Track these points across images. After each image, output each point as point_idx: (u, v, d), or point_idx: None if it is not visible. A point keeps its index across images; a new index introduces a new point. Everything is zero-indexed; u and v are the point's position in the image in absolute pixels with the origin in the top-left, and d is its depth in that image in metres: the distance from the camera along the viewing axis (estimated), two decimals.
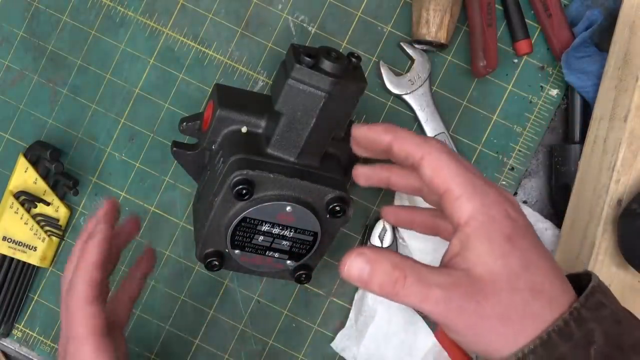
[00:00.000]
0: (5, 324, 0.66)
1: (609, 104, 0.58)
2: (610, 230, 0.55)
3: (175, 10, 0.65)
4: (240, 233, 0.53)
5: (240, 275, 0.65)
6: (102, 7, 0.65)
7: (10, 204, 0.63)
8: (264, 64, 0.65)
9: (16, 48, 0.66)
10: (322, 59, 0.50)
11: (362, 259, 0.39)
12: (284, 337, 0.66)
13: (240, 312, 0.66)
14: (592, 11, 0.60)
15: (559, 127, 0.65)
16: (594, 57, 0.60)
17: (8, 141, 0.67)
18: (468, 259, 0.39)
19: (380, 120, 0.65)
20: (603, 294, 0.39)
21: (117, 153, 0.66)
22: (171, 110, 0.66)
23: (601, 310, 0.38)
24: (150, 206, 0.66)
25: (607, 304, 0.39)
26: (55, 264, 0.66)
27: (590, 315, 0.38)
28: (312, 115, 0.51)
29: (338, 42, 0.65)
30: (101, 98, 0.66)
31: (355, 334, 0.64)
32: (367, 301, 0.63)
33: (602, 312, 0.38)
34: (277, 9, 0.65)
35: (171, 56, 0.65)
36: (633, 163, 0.55)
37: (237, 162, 0.51)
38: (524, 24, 0.63)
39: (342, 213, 0.53)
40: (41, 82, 0.66)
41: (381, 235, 0.63)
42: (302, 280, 0.57)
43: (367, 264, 0.38)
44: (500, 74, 0.64)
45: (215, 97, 0.56)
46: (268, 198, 0.52)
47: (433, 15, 0.60)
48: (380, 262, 0.38)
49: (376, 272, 0.38)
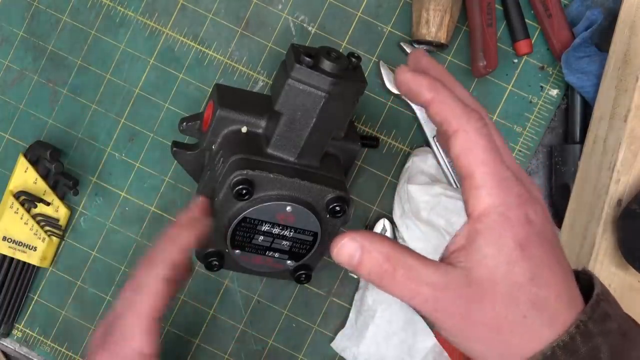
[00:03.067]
0: (5, 324, 0.66)
1: (609, 104, 0.58)
2: (610, 230, 0.55)
3: (175, 10, 0.65)
4: (240, 233, 0.53)
5: (240, 275, 0.65)
6: (102, 7, 0.65)
7: (10, 204, 0.63)
8: (264, 64, 0.65)
9: (16, 48, 0.66)
10: (322, 59, 0.50)
11: (354, 244, 0.36)
12: (284, 337, 0.66)
13: (240, 312, 0.66)
14: (592, 11, 0.60)
15: (559, 127, 0.65)
16: (594, 57, 0.60)
17: (8, 141, 0.67)
18: (471, 257, 0.36)
19: (380, 121, 0.65)
20: (607, 302, 0.37)
21: (117, 153, 0.66)
22: (171, 110, 0.66)
23: (607, 322, 0.36)
24: (150, 206, 0.66)
25: (612, 314, 0.37)
26: (55, 264, 0.66)
27: (597, 329, 0.36)
28: (312, 115, 0.51)
29: (338, 42, 0.65)
30: (101, 98, 0.66)
31: (355, 334, 0.64)
32: (367, 301, 0.63)
33: (608, 324, 0.36)
34: (277, 9, 0.65)
35: (171, 56, 0.65)
36: (633, 163, 0.55)
37: (237, 162, 0.51)
38: (524, 24, 0.63)
39: (342, 213, 0.53)
40: (41, 82, 0.66)
41: None
42: (302, 280, 0.57)
43: (357, 250, 0.36)
44: (500, 74, 0.64)
45: (215, 97, 0.56)
46: (268, 198, 0.52)
47: (433, 15, 0.60)
48: (371, 250, 0.36)
49: (365, 260, 0.36)
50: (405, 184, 0.61)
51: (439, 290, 0.36)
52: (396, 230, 0.63)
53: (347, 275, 0.65)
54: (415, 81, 0.39)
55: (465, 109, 0.37)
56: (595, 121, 0.59)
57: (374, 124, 0.65)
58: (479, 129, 0.37)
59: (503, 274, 0.36)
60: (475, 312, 0.36)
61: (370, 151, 0.65)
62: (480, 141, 0.37)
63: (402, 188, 0.62)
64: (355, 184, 0.65)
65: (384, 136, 0.65)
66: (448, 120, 0.37)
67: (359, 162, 0.65)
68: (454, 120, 0.37)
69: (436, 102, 0.38)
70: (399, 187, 0.63)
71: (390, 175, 0.65)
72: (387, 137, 0.65)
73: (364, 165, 0.65)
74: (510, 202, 0.36)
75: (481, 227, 0.36)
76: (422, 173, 0.62)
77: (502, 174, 0.36)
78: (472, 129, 0.37)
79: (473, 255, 0.36)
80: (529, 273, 0.36)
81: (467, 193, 0.37)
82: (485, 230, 0.36)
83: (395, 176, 0.65)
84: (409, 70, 0.39)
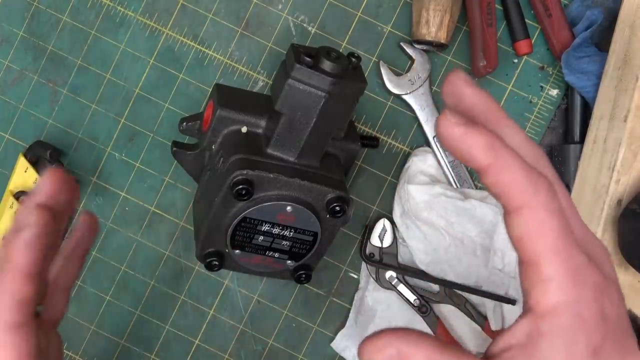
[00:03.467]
0: None
1: (609, 104, 0.58)
2: (610, 230, 0.55)
3: (175, 10, 0.65)
4: (240, 233, 0.53)
5: (240, 275, 0.65)
6: (102, 7, 0.65)
7: (10, 204, 0.63)
8: (264, 64, 0.65)
9: (16, 48, 0.66)
10: (322, 59, 0.50)
11: (390, 350, 0.29)
12: (284, 337, 0.66)
13: (240, 312, 0.66)
14: (592, 11, 0.60)
15: (559, 127, 0.65)
16: (594, 57, 0.60)
17: (8, 141, 0.67)
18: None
19: (380, 121, 0.65)
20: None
21: (117, 153, 0.66)
22: (171, 110, 0.66)
23: None
24: (150, 206, 0.66)
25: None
26: None
27: None
28: (312, 115, 0.51)
29: (338, 42, 0.65)
30: (101, 98, 0.66)
31: (355, 334, 0.64)
32: (367, 301, 0.63)
33: None
34: (277, 9, 0.65)
35: (171, 56, 0.65)
36: (633, 163, 0.55)
37: (237, 162, 0.51)
38: (524, 24, 0.63)
39: (342, 213, 0.53)
40: (41, 82, 0.66)
41: (381, 235, 0.63)
42: (302, 280, 0.57)
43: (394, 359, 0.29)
44: (500, 74, 0.64)
45: (215, 97, 0.56)
46: (268, 198, 0.52)
47: (433, 15, 0.60)
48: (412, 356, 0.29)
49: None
50: (405, 184, 0.61)
51: None
52: (396, 230, 0.63)
53: (347, 275, 0.65)
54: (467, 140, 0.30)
55: (531, 175, 0.30)
56: (595, 121, 0.59)
57: (374, 124, 0.65)
58: (548, 205, 0.29)
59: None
60: None
61: (370, 151, 0.65)
62: (551, 222, 0.29)
63: (402, 188, 0.62)
64: (355, 184, 0.65)
65: (384, 136, 0.65)
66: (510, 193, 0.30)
67: (359, 162, 0.65)
68: (518, 194, 0.30)
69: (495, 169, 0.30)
70: (399, 187, 0.63)
71: (390, 175, 0.65)
72: (387, 137, 0.65)
73: (364, 165, 0.65)
74: (585, 298, 0.30)
75: (548, 329, 0.30)
76: (422, 173, 0.62)
77: (576, 260, 0.30)
78: (540, 205, 0.29)
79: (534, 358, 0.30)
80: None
81: (529, 282, 0.30)
82: (554, 333, 0.30)
83: (395, 176, 0.65)
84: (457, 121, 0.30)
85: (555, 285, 0.29)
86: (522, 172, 0.29)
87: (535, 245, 0.30)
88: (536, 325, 0.30)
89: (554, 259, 0.29)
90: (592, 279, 0.30)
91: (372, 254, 0.63)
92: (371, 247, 0.63)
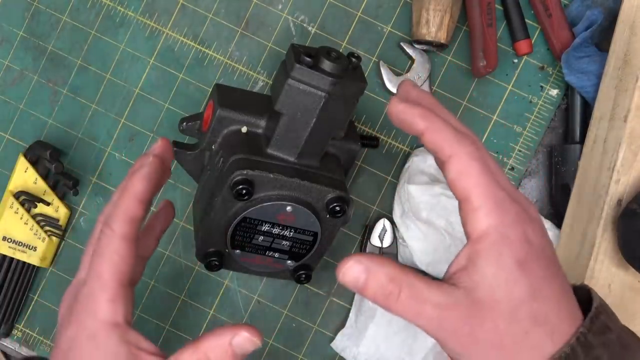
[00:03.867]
0: (5, 324, 0.66)
1: (609, 104, 0.58)
2: (610, 230, 0.55)
3: (175, 10, 0.65)
4: (240, 233, 0.53)
5: (240, 275, 0.65)
6: (102, 7, 0.65)
7: (10, 204, 0.63)
8: (264, 64, 0.65)
9: (16, 48, 0.66)
10: (322, 59, 0.50)
11: (359, 267, 0.38)
12: (284, 337, 0.66)
13: (240, 312, 0.66)
14: (592, 11, 0.60)
15: (559, 127, 0.65)
16: (594, 57, 0.60)
17: (8, 141, 0.67)
18: (472, 277, 0.37)
19: (380, 121, 0.65)
20: (606, 315, 0.38)
21: (117, 153, 0.66)
22: (171, 110, 0.66)
23: (607, 334, 0.37)
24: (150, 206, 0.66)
25: (612, 326, 0.38)
26: (55, 264, 0.66)
27: (597, 341, 0.37)
28: (312, 115, 0.51)
29: (338, 42, 0.65)
30: (101, 98, 0.66)
31: (355, 334, 0.64)
32: (367, 301, 0.63)
33: (607, 336, 0.37)
34: (277, 9, 0.65)
35: (171, 56, 0.65)
36: (633, 163, 0.55)
37: (237, 162, 0.51)
38: (524, 24, 0.63)
39: (342, 213, 0.53)
40: (41, 82, 0.66)
41: (381, 235, 0.63)
42: (302, 280, 0.57)
43: (362, 273, 0.38)
44: (500, 74, 0.64)
45: (215, 97, 0.56)
46: (268, 198, 0.52)
47: (433, 15, 0.60)
48: (376, 272, 0.37)
49: (371, 282, 0.37)
50: (405, 184, 0.61)
51: (443, 309, 0.37)
52: (396, 230, 0.63)
53: None
54: (408, 112, 0.40)
55: (458, 134, 0.39)
56: (595, 121, 0.59)
57: (374, 124, 0.65)
58: (471, 153, 0.38)
59: (504, 292, 0.37)
60: (479, 330, 0.37)
61: (370, 151, 0.65)
62: (474, 164, 0.38)
63: (402, 188, 0.62)
64: (355, 184, 0.65)
65: (384, 136, 0.65)
66: (442, 146, 0.39)
67: (359, 162, 0.65)
68: (447, 148, 0.38)
69: (430, 130, 0.39)
70: (399, 187, 0.63)
71: (390, 175, 0.65)
72: (387, 137, 0.65)
73: (364, 165, 0.65)
74: (508, 222, 0.37)
75: (481, 248, 0.37)
76: (422, 173, 0.62)
77: (498, 194, 0.37)
78: (465, 154, 0.38)
79: (474, 275, 0.37)
80: (529, 290, 0.37)
81: (466, 216, 0.38)
82: (486, 250, 0.37)
83: (395, 176, 0.65)
84: (401, 101, 0.41)
85: (484, 212, 0.37)
86: (451, 132, 0.39)
87: (464, 183, 0.38)
88: (473, 247, 0.37)
89: (480, 192, 0.37)
90: (514, 209, 0.37)
91: (372, 254, 0.63)
92: (371, 247, 0.63)
